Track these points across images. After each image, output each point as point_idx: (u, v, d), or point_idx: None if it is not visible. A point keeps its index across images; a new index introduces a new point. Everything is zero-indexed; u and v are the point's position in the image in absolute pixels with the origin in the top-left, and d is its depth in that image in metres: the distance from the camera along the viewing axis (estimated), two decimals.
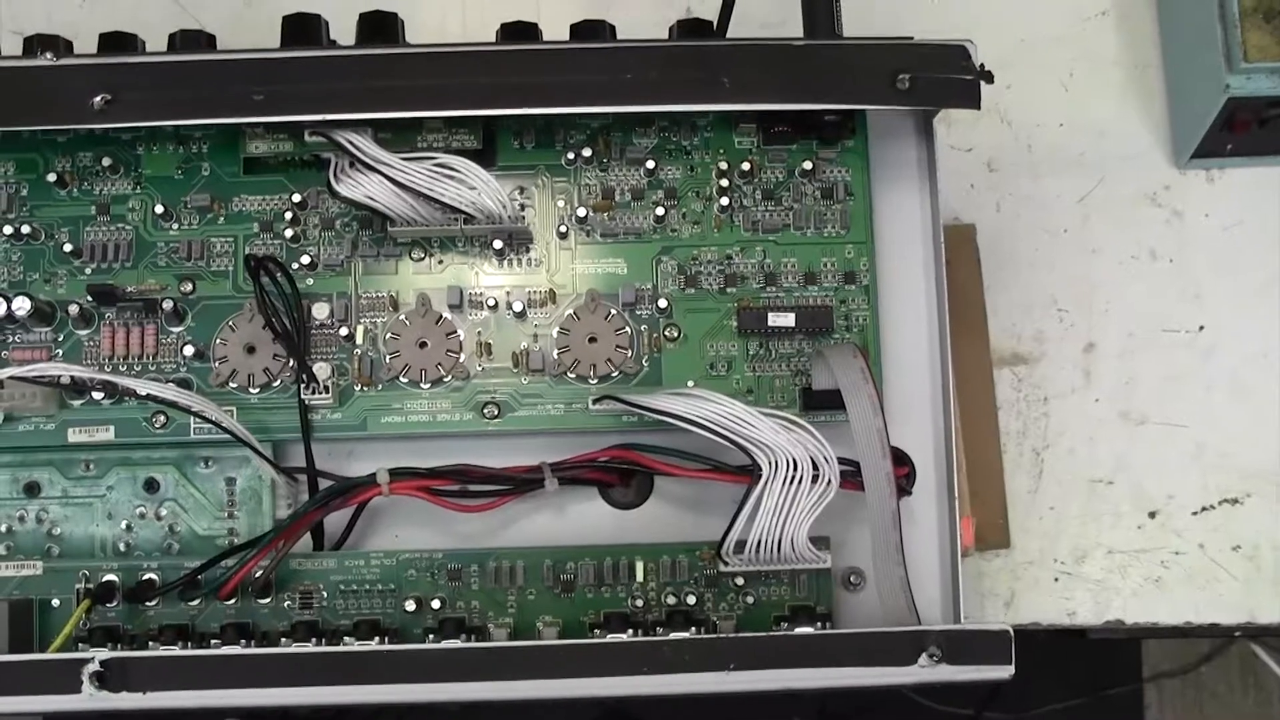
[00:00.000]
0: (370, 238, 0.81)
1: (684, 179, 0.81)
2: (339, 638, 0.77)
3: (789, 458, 0.75)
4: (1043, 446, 0.95)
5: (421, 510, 0.81)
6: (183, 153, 0.82)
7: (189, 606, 0.78)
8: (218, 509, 0.81)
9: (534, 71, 0.77)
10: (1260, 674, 1.55)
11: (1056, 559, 0.94)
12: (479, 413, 0.79)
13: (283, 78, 0.77)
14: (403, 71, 0.77)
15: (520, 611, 0.79)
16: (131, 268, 0.81)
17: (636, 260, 0.81)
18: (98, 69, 0.76)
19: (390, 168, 0.76)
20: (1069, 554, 0.94)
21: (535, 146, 0.82)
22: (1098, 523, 0.94)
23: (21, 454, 0.81)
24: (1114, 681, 1.36)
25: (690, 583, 0.79)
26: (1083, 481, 0.95)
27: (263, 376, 0.79)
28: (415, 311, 0.80)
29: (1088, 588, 0.94)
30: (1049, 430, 0.95)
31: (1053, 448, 0.96)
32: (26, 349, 0.80)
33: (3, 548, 0.81)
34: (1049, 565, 0.94)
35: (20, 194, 0.82)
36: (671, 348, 0.80)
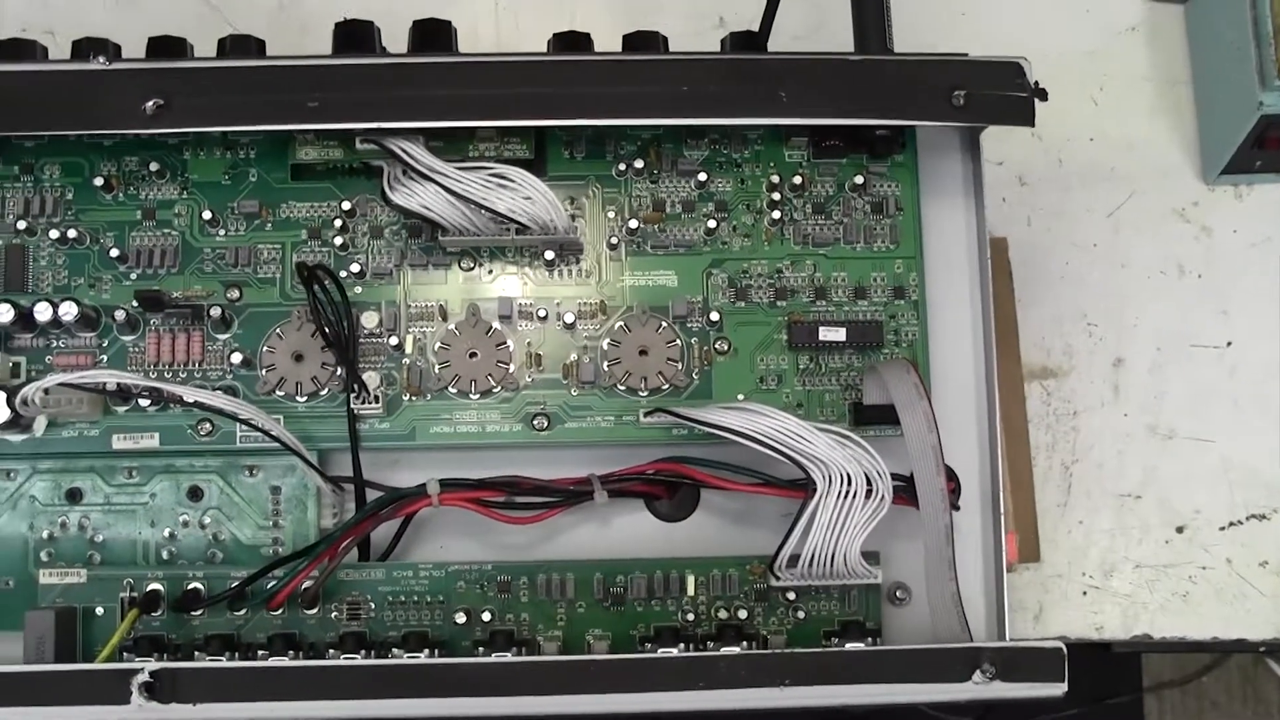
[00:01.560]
0: (419, 246, 0.79)
1: (734, 191, 0.80)
2: (387, 650, 0.75)
3: (843, 473, 0.73)
4: (1072, 460, 0.94)
5: (466, 521, 0.79)
6: (230, 158, 0.80)
7: (235, 616, 0.76)
8: (262, 518, 0.79)
9: (589, 82, 0.75)
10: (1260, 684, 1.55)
11: (1085, 573, 0.93)
12: (528, 424, 0.77)
13: (336, 85, 0.75)
14: (457, 80, 0.75)
15: (570, 624, 0.77)
16: (177, 274, 0.79)
17: (687, 273, 0.79)
18: (150, 73, 0.74)
19: (445, 177, 0.74)
20: (1097, 568, 0.93)
21: (585, 157, 0.80)
22: (1126, 537, 0.93)
23: (64, 460, 0.79)
24: (1115, 691, 1.35)
25: (740, 597, 0.77)
26: (1111, 496, 0.93)
27: (311, 385, 0.77)
28: (465, 322, 0.78)
29: (1116, 602, 0.92)
30: (1078, 444, 0.94)
31: (1081, 462, 0.94)
32: (71, 354, 0.78)
33: (44, 554, 0.79)
34: (1077, 579, 0.93)
35: (66, 198, 0.79)
36: (722, 361, 0.78)
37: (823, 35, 0.93)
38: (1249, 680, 1.57)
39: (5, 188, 0.80)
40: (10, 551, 0.79)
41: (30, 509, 0.79)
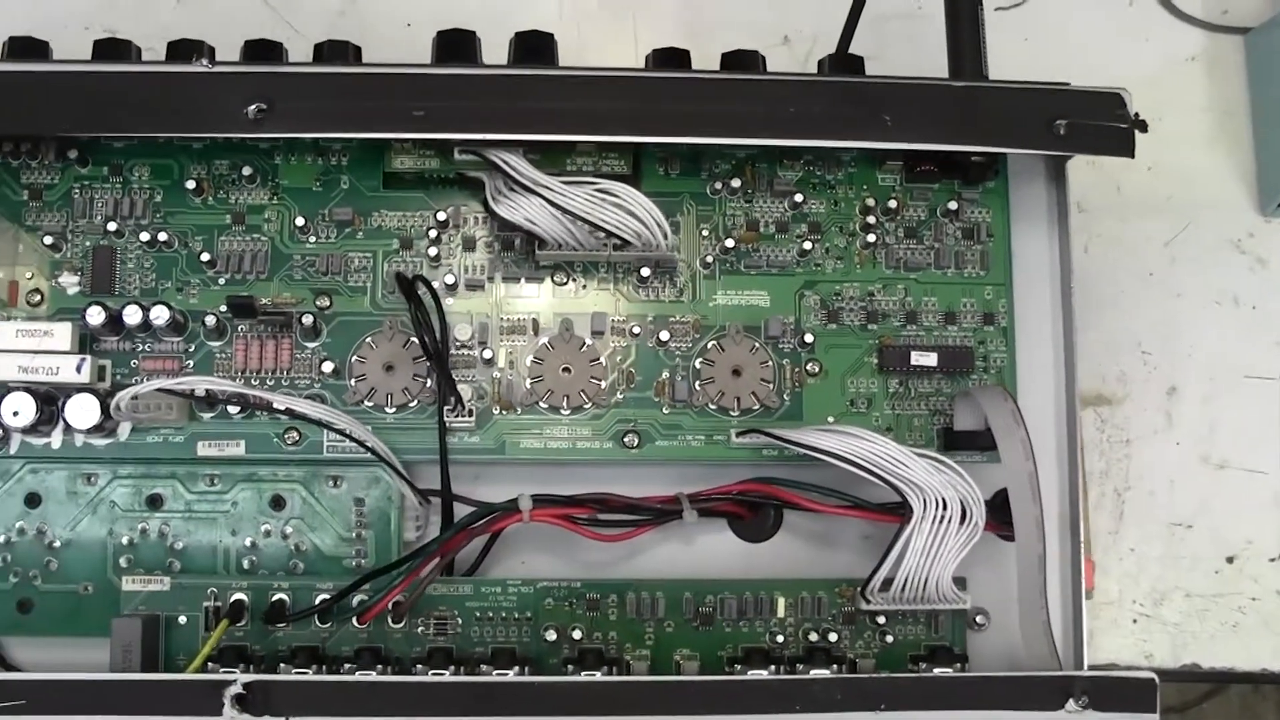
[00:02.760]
0: (512, 259, 0.78)
1: (828, 213, 0.79)
2: (476, 666, 0.73)
3: (939, 498, 0.72)
4: (1124, 488, 0.94)
5: (549, 537, 0.78)
6: (321, 164, 0.78)
7: (320, 628, 0.74)
8: (345, 529, 0.77)
9: (694, 100, 0.74)
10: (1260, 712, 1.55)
11: (1135, 600, 0.93)
12: (619, 442, 0.76)
13: (438, 94, 0.73)
14: (560, 93, 0.73)
15: (658, 644, 0.76)
16: (266, 279, 0.77)
17: (779, 293, 0.78)
18: (253, 78, 0.72)
19: (550, 190, 0.72)
20: (1147, 596, 0.93)
21: (680, 174, 0.79)
22: (1176, 566, 0.92)
23: (145, 466, 0.77)
24: None
25: (828, 619, 0.76)
26: (1162, 524, 0.93)
27: (401, 396, 0.76)
28: (558, 336, 0.76)
29: (1165, 631, 0.92)
30: (1130, 472, 0.94)
31: (1134, 489, 0.94)
32: (158, 358, 0.76)
33: (124, 560, 0.76)
34: (1128, 606, 0.93)
35: (155, 200, 0.77)
36: (813, 383, 0.77)
37: (892, 56, 0.92)
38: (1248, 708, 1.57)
39: (94, 189, 0.77)
40: (89, 556, 0.76)
41: (110, 514, 0.77)
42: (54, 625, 0.77)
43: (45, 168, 0.77)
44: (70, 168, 0.77)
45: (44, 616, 0.76)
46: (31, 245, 0.77)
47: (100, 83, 0.72)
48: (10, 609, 0.76)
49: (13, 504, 0.77)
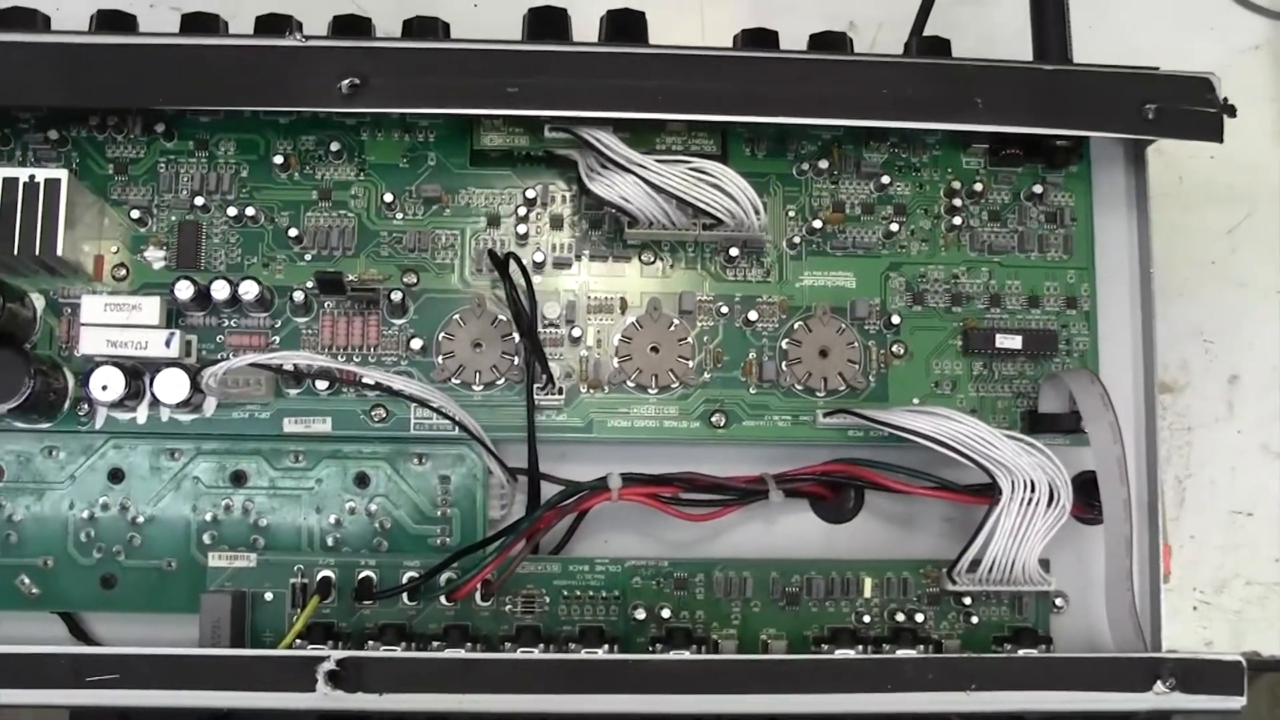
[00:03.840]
0: (600, 238, 0.77)
1: (913, 196, 0.78)
2: (564, 644, 0.73)
3: (1028, 480, 0.72)
4: (1185, 475, 0.94)
5: (631, 515, 0.78)
6: (408, 141, 0.78)
7: (406, 606, 0.74)
8: (430, 506, 0.77)
9: (785, 80, 0.74)
10: None
11: (1195, 587, 0.93)
12: (706, 421, 0.76)
13: (530, 71, 0.72)
14: (651, 72, 0.73)
15: (744, 623, 0.75)
16: (353, 256, 0.76)
17: (865, 275, 0.78)
18: (347, 52, 0.72)
19: (645, 169, 0.72)
20: (1208, 583, 0.93)
21: (767, 155, 0.78)
22: (1236, 553, 0.92)
23: (229, 442, 0.76)
24: None
25: (913, 600, 0.75)
26: (1223, 512, 0.93)
27: (490, 374, 0.75)
28: (647, 315, 0.76)
29: (1226, 618, 0.92)
30: (1191, 459, 0.94)
31: (1195, 477, 0.94)
32: (244, 334, 0.76)
33: (207, 537, 0.76)
34: (1188, 594, 0.93)
35: (240, 175, 0.76)
36: (898, 364, 0.77)
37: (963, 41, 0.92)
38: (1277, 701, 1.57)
39: (179, 163, 0.76)
40: (173, 532, 0.76)
41: (194, 490, 0.76)
42: (137, 601, 0.76)
43: (131, 142, 0.76)
44: (156, 142, 0.76)
45: (127, 592, 0.76)
46: (117, 220, 0.75)
47: (191, 56, 0.71)
48: (94, 585, 0.76)
49: (96, 479, 0.76)
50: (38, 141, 0.76)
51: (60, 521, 0.75)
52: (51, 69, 0.70)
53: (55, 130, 0.76)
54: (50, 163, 0.76)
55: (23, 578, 0.75)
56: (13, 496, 0.75)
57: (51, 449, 0.76)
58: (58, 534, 0.75)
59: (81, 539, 0.75)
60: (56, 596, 0.76)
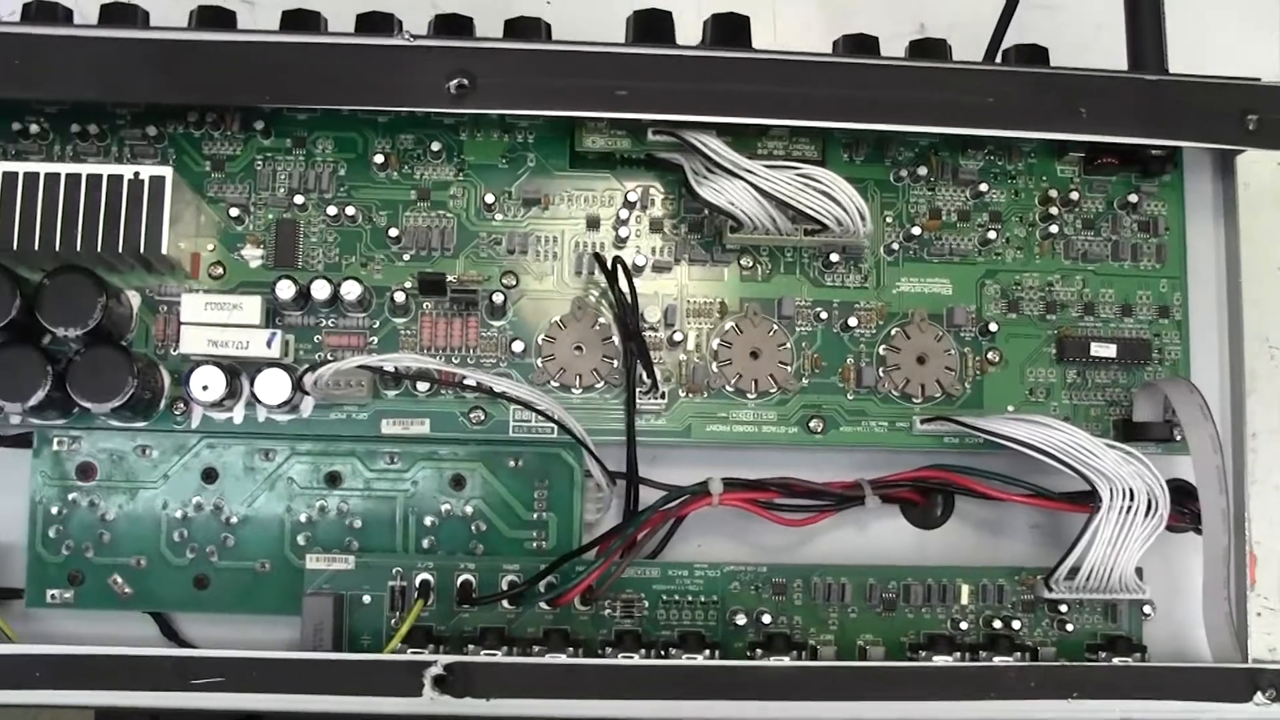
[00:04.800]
0: (699, 242, 0.77)
1: (1008, 203, 0.78)
2: (664, 649, 0.73)
3: (1126, 488, 0.72)
4: (1250, 481, 0.94)
5: (723, 520, 0.78)
6: (507, 141, 0.77)
7: (505, 610, 0.73)
8: (526, 510, 0.76)
9: (890, 86, 0.74)
10: None
11: (1261, 595, 0.93)
12: (804, 427, 0.76)
13: (635, 74, 0.72)
14: (757, 76, 0.73)
15: (841, 629, 0.75)
16: (452, 256, 0.75)
17: (961, 281, 0.78)
18: (454, 52, 0.71)
19: (754, 175, 0.72)
20: (1274, 590, 0.93)
21: (864, 161, 0.78)
22: None
23: (324, 443, 0.76)
24: None
25: (1008, 607, 0.75)
26: None
27: (590, 377, 0.74)
28: (746, 320, 0.76)
29: None
30: (1256, 466, 0.94)
31: (1259, 484, 0.94)
32: (342, 334, 0.75)
33: (301, 538, 0.75)
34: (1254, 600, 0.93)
35: (338, 174, 0.75)
36: (993, 371, 0.77)
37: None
38: None
39: (276, 160, 0.75)
40: (267, 534, 0.75)
41: (288, 491, 0.76)
42: (230, 602, 0.75)
43: (228, 139, 0.75)
44: (253, 139, 0.76)
45: (220, 593, 0.75)
46: (214, 217, 0.75)
47: (297, 53, 0.70)
48: (187, 585, 0.75)
49: (190, 479, 0.75)
50: (135, 137, 0.75)
51: (154, 521, 0.75)
52: (153, 65, 0.69)
53: (154, 126, 0.74)
54: (147, 159, 0.75)
55: (115, 577, 0.74)
56: (106, 495, 0.75)
57: (144, 448, 0.75)
58: (151, 534, 0.75)
59: (175, 539, 0.75)
60: (149, 596, 0.75)
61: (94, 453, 0.75)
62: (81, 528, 0.74)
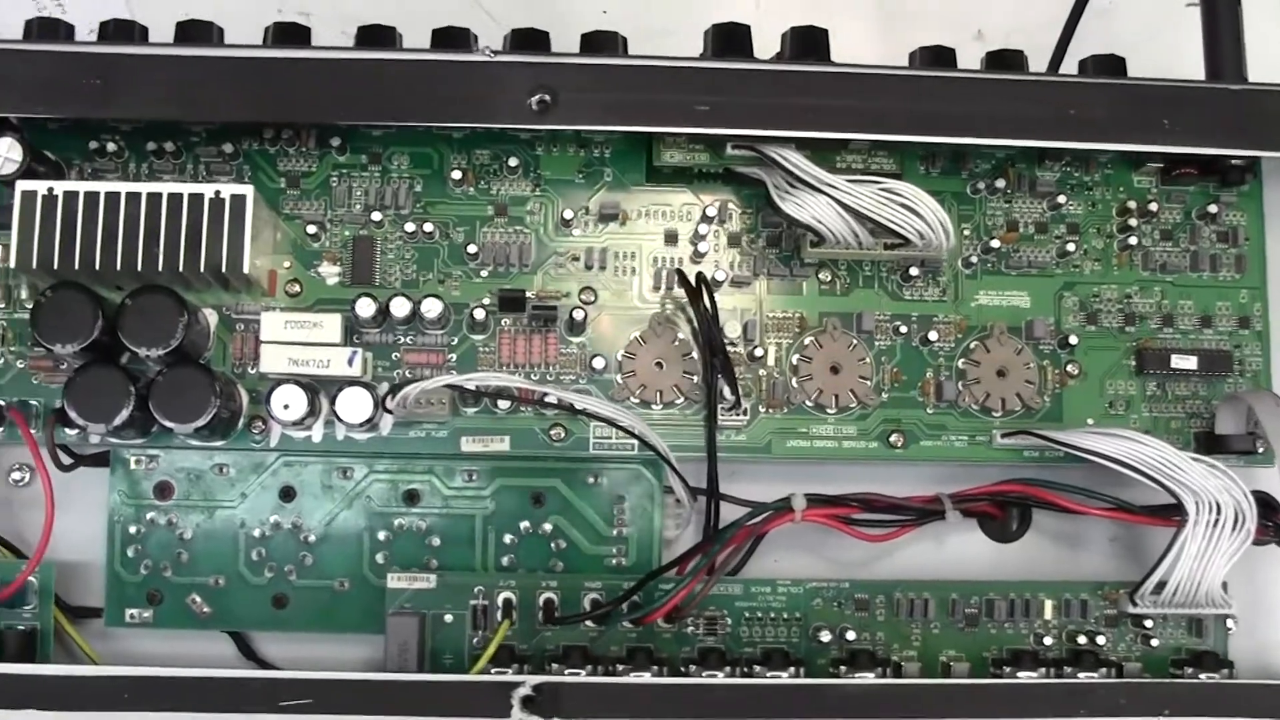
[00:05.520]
0: (778, 256, 0.76)
1: (1085, 215, 0.78)
2: (748, 667, 0.72)
3: (1213, 502, 0.72)
4: None
5: (801, 534, 0.78)
6: (584, 156, 0.76)
7: (588, 628, 0.73)
8: (606, 526, 0.76)
9: (969, 99, 0.73)
10: None
11: None
12: (884, 442, 0.75)
13: (715, 88, 0.72)
14: (838, 90, 0.72)
15: (924, 644, 0.75)
16: (530, 273, 0.75)
17: (1039, 294, 0.77)
18: (535, 67, 0.71)
19: (836, 189, 0.71)
20: None
21: (941, 174, 0.77)
22: None
23: (401, 461, 0.75)
24: None
25: (1091, 622, 0.75)
26: None
27: (671, 393, 0.74)
28: (827, 334, 0.75)
29: None
30: None
31: None
32: (421, 351, 0.75)
33: (380, 556, 0.75)
34: None
35: (415, 190, 0.75)
36: (1073, 384, 0.76)
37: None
38: None
39: (351, 177, 0.75)
40: (345, 552, 0.75)
41: (366, 509, 0.75)
42: (308, 621, 0.75)
43: (302, 155, 0.75)
44: (328, 155, 0.75)
45: (299, 612, 0.75)
46: (290, 234, 0.74)
47: (375, 70, 0.70)
48: (266, 604, 0.75)
49: (268, 498, 0.75)
50: (210, 155, 0.75)
51: (231, 540, 0.74)
52: (230, 83, 0.69)
53: (229, 144, 0.74)
54: (222, 176, 0.74)
55: (194, 596, 0.74)
56: (184, 514, 0.74)
57: (222, 466, 0.75)
58: (229, 553, 0.74)
59: (253, 558, 0.74)
60: (228, 616, 0.75)
61: (171, 471, 0.74)
62: (159, 547, 0.74)
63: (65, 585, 0.75)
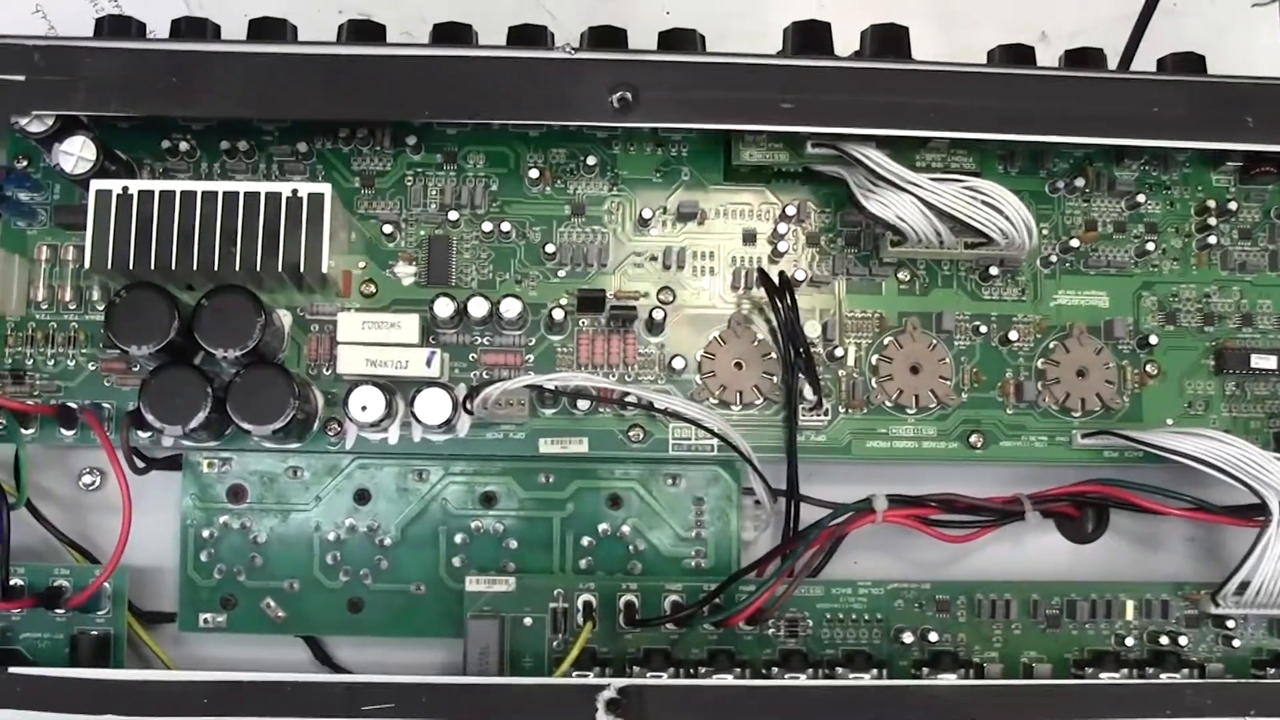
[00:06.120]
0: (856, 255, 0.75)
1: (1164, 214, 0.77)
2: (830, 669, 0.72)
3: None
4: None
5: (877, 535, 0.78)
6: (661, 155, 0.75)
7: (668, 630, 0.72)
8: (683, 528, 0.75)
9: (1053, 97, 0.73)
10: None
11: None
12: (964, 442, 0.74)
13: (795, 86, 0.71)
14: (919, 88, 0.71)
15: (1005, 645, 0.74)
16: (608, 272, 0.74)
17: (1118, 294, 0.77)
18: (616, 65, 0.70)
19: (921, 188, 0.70)
20: None
21: (1019, 173, 0.77)
22: None
23: (477, 463, 0.74)
24: None
25: (1172, 622, 0.74)
26: None
27: (751, 394, 0.73)
28: (906, 334, 0.74)
29: None
30: None
31: None
32: (498, 352, 0.74)
33: (457, 560, 0.74)
34: None
35: (490, 189, 0.74)
36: (1152, 384, 0.76)
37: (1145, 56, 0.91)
38: None
39: (426, 176, 0.74)
40: (421, 555, 0.74)
41: (442, 512, 0.74)
42: (384, 625, 0.75)
43: (376, 154, 0.74)
44: (403, 154, 0.74)
45: (374, 616, 0.74)
46: (365, 234, 0.73)
47: (454, 68, 0.69)
48: (341, 608, 0.74)
49: (342, 501, 0.74)
50: (283, 154, 0.74)
51: (306, 544, 0.74)
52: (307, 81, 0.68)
53: (304, 142, 0.73)
54: (295, 175, 0.74)
55: (269, 601, 0.73)
56: (258, 518, 0.73)
57: (295, 469, 0.74)
58: (303, 556, 0.74)
59: (328, 561, 0.73)
60: (303, 620, 0.74)
61: (244, 474, 0.74)
62: (233, 551, 0.73)
63: (137, 590, 0.74)
